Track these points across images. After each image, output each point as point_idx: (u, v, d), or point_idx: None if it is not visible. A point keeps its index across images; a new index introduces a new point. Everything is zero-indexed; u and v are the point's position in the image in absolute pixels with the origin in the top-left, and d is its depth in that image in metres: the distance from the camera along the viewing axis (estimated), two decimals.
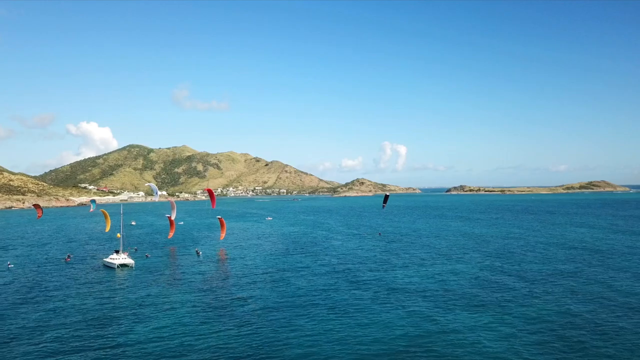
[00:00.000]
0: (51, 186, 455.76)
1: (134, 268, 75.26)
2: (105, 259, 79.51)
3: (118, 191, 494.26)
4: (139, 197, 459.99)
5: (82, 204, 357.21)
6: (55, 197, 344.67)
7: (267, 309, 48.37)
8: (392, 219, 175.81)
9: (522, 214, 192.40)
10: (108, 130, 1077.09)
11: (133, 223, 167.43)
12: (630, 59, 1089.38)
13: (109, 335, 40.70)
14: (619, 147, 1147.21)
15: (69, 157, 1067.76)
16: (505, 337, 38.54)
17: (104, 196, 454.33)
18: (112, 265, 75.76)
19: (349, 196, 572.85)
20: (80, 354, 36.38)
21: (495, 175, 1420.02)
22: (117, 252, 79.33)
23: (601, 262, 72.47)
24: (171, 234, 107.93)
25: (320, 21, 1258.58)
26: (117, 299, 54.60)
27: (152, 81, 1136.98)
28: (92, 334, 41.18)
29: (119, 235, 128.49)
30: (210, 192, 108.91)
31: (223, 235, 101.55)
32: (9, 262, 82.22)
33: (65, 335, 40.73)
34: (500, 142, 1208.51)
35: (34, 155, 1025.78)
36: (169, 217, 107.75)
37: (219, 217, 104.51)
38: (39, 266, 78.41)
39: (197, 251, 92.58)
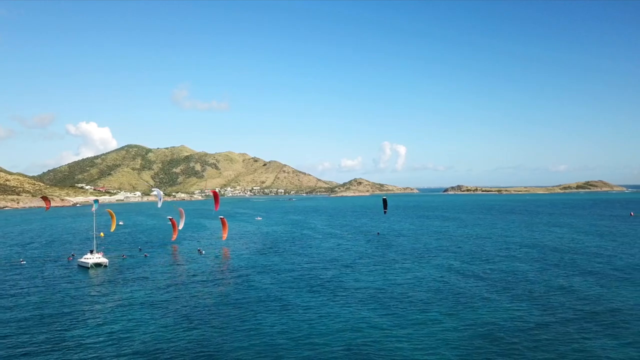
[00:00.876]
0: (48, 186, 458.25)
1: (107, 267, 76.71)
2: (79, 259, 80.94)
3: (115, 191, 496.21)
4: (135, 197, 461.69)
5: (77, 204, 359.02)
6: (51, 197, 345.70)
7: (222, 306, 49.74)
8: (376, 219, 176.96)
9: (508, 214, 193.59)
10: (107, 130, 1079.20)
11: (121, 223, 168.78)
12: (630, 59, 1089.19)
13: (54, 332, 42.03)
14: (619, 147, 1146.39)
15: (69, 157, 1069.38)
16: (436, 340, 39.73)
17: (100, 196, 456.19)
18: (86, 265, 77.18)
19: (346, 196, 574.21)
20: (21, 349, 37.73)
21: (495, 175, 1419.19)
22: (91, 252, 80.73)
23: (561, 263, 73.43)
24: (175, 236, 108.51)
25: (320, 21, 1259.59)
26: (77, 297, 55.99)
27: (152, 81, 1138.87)
28: (40, 330, 42.55)
29: (102, 234, 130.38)
30: (215, 194, 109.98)
31: (225, 235, 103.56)
32: (21, 259, 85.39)
33: (10, 333, 42.07)
34: (500, 142, 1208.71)
35: (33, 155, 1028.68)
36: (171, 219, 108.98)
37: (221, 217, 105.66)
38: (11, 265, 79.89)
39: (199, 250, 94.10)
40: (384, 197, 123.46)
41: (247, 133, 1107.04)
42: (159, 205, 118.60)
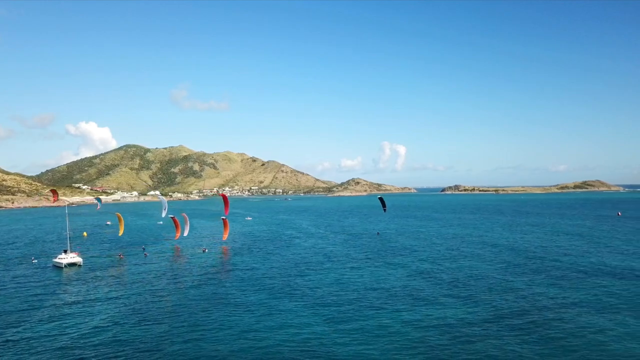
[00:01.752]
0: (45, 186, 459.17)
1: (81, 267, 77.71)
2: (54, 259, 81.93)
3: (112, 191, 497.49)
4: (132, 197, 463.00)
5: (74, 204, 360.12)
6: (45, 197, 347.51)
7: (180, 306, 50.72)
8: (364, 219, 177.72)
9: (494, 214, 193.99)
10: (107, 130, 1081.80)
11: (108, 223, 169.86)
12: (630, 59, 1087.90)
13: (11, 330, 43.10)
14: (618, 147, 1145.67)
15: (68, 157, 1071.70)
16: (378, 342, 40.70)
17: (97, 196, 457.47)
18: (60, 265, 78.18)
19: (343, 196, 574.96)
20: None
21: (494, 175, 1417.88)
22: (65, 251, 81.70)
23: (527, 264, 73.86)
24: (178, 235, 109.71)
25: (320, 21, 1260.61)
26: (40, 295, 57.04)
27: (152, 81, 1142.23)
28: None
29: (85, 234, 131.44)
30: (224, 198, 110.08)
31: (226, 235, 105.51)
32: (33, 257, 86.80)
33: None
34: (500, 142, 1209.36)
35: (33, 155, 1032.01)
36: (173, 218, 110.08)
37: (223, 217, 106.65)
38: None
39: (203, 249, 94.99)
40: (380, 197, 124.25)
41: (247, 133, 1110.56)
42: (164, 215, 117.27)
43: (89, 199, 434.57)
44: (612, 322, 42.29)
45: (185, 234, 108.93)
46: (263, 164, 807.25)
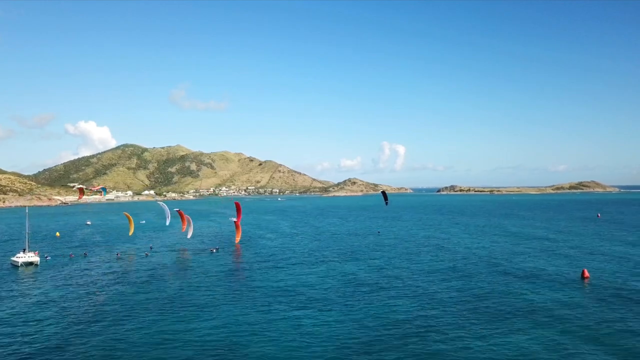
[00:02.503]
0: (39, 185, 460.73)
1: (38, 266, 78.49)
2: (12, 258, 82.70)
3: (107, 190, 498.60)
4: (126, 196, 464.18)
5: (65, 203, 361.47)
6: (38, 196, 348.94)
7: (119, 305, 51.57)
8: (346, 217, 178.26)
9: (460, 216, 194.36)
10: (107, 130, 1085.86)
11: (88, 223, 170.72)
12: (630, 59, 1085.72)
13: None
14: (618, 148, 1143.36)
15: (67, 157, 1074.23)
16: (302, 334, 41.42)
17: (92, 195, 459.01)
18: (17, 264, 79.01)
19: (338, 196, 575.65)
20: None
21: (494, 176, 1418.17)
22: (23, 250, 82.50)
23: (456, 267, 74.08)
24: (184, 227, 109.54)
25: (319, 21, 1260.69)
26: None
27: (151, 81, 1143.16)
28: None
29: (58, 234, 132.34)
30: (237, 206, 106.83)
31: (238, 238, 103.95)
32: (46, 255, 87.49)
33: None
34: (499, 142, 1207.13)
35: (33, 155, 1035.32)
36: (179, 211, 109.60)
37: (234, 219, 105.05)
38: None
39: (212, 250, 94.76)
40: (383, 191, 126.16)
41: (246, 133, 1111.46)
42: (167, 222, 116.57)
43: (84, 198, 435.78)
44: (471, 330, 42.80)
45: (189, 236, 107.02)
46: (260, 164, 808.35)
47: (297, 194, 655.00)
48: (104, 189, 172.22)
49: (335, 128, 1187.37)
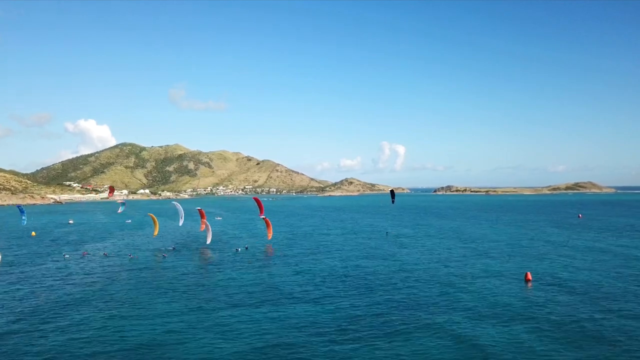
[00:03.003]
0: (35, 184, 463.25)
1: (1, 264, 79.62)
2: None
3: (103, 189, 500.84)
4: (120, 195, 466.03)
5: (58, 202, 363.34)
6: (31, 195, 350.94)
7: (55, 304, 52.65)
8: (326, 217, 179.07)
9: (447, 219, 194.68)
10: (106, 128, 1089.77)
11: (71, 222, 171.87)
12: (630, 59, 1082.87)
13: None
14: (618, 148, 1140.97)
15: (67, 155, 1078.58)
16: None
17: (87, 194, 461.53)
18: None
19: (333, 196, 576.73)
20: None
21: (494, 176, 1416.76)
22: None
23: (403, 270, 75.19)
24: (202, 227, 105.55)
25: (319, 20, 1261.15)
26: None
27: (150, 80, 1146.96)
28: None
29: (33, 233, 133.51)
30: (257, 201, 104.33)
31: (270, 234, 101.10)
32: (65, 254, 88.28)
33: None
34: (499, 142, 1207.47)
35: (32, 154, 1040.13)
36: (200, 209, 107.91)
37: (264, 216, 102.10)
38: None
39: (237, 249, 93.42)
40: (391, 190, 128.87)
41: (246, 132, 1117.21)
42: (180, 223, 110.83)
43: (78, 197, 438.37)
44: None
45: (208, 241, 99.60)
46: (258, 163, 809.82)
47: (294, 194, 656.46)
48: (122, 204, 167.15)
49: (335, 128, 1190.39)
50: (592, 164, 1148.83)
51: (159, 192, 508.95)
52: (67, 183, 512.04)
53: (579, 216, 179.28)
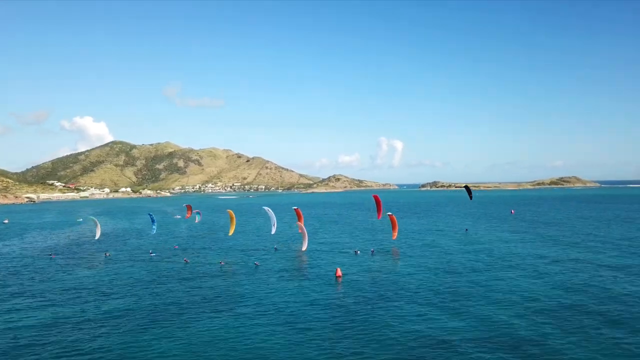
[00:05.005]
0: (17, 183, 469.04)
1: None
2: None
3: (84, 188, 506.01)
4: (101, 193, 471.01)
5: (31, 201, 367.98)
6: (4, 194, 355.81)
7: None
8: (281, 218, 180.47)
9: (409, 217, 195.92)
10: (103, 125, 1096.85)
11: (6, 221, 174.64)
12: (630, 59, 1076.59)
13: None
14: (617, 145, 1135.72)
15: (64, 153, 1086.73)
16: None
17: (67, 192, 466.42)
18: None
19: (317, 192, 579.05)
20: None
21: (492, 171, 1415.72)
22: None
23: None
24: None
25: (316, 15, 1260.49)
26: None
27: (144, 78, 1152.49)
28: None
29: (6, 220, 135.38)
30: (376, 200, 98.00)
31: (395, 234, 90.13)
32: (106, 252, 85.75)
33: None
34: (497, 138, 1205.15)
35: (29, 152, 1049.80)
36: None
37: (390, 214, 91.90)
38: None
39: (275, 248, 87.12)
40: (466, 185, 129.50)
41: (242, 130, 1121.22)
42: (273, 231, 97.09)
43: (57, 195, 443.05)
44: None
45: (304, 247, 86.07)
46: (248, 160, 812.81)
47: (281, 190, 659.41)
48: (197, 214, 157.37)
49: (333, 124, 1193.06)
50: (589, 160, 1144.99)
51: (140, 190, 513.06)
52: (51, 182, 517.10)
53: (511, 212, 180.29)
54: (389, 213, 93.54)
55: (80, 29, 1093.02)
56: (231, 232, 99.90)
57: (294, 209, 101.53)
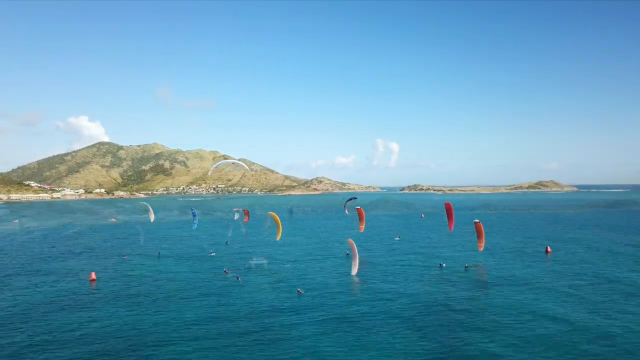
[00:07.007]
0: None
1: None
2: None
3: (59, 189, 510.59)
4: (72, 194, 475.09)
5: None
6: None
7: None
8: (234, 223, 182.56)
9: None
10: (99, 125, 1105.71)
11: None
12: (630, 59, 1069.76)
13: None
14: (616, 146, 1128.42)
15: (52, 154, 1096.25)
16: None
17: (40, 193, 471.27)
18: None
19: (293, 195, 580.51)
20: None
21: (487, 173, 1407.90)
22: None
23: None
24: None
25: (312, 17, 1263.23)
26: None
27: (136, 80, 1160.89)
28: None
29: None
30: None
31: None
32: (125, 255, 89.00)
33: None
34: (494, 140, 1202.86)
35: (21, 152, 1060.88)
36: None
37: (476, 221, 78.50)
38: None
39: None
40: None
41: (237, 132, 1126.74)
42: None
43: (29, 196, 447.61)
44: None
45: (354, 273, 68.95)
46: (234, 163, 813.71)
47: (259, 193, 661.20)
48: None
49: (330, 127, 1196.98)
50: (585, 162, 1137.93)
51: (113, 192, 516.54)
52: (27, 182, 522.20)
53: (421, 216, 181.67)
54: (476, 220, 77.83)
55: (75, 30, 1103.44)
56: (278, 237, 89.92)
57: (357, 208, 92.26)
